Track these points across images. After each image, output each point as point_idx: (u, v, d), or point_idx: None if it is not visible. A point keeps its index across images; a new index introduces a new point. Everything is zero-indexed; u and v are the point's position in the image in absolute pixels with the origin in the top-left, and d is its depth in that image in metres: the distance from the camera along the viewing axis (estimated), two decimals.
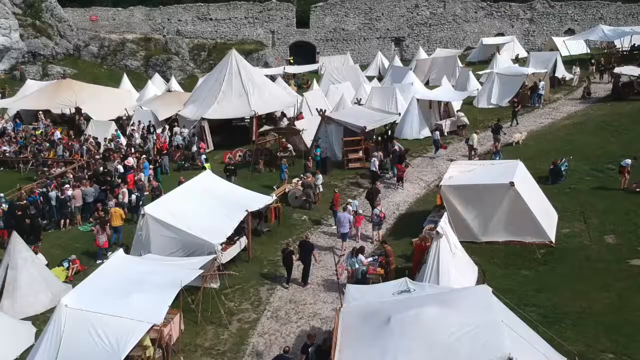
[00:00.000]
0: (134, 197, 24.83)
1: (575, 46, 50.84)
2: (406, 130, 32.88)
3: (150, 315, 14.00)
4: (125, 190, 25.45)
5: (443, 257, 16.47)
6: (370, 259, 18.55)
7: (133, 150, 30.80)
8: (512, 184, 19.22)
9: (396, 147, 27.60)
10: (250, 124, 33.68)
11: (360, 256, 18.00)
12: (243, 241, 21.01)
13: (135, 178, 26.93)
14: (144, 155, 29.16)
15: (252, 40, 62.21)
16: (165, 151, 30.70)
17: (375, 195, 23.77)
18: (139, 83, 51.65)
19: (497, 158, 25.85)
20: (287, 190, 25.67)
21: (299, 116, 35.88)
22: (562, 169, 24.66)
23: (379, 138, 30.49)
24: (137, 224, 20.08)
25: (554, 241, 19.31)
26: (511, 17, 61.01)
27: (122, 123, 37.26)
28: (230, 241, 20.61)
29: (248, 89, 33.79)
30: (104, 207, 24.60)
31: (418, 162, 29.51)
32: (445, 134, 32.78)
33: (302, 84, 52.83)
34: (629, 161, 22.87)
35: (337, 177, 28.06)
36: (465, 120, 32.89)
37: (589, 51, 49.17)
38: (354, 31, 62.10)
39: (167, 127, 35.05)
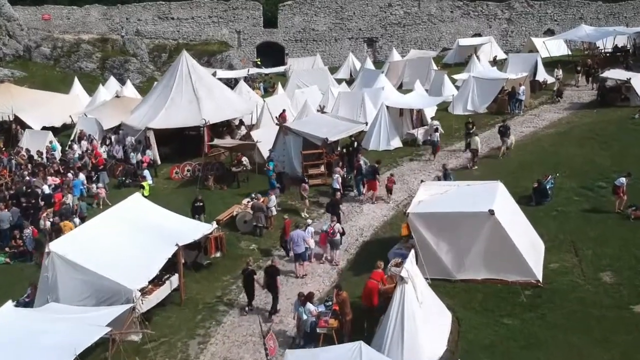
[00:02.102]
0: (48, 223, 21.35)
1: (555, 47, 48.26)
2: (374, 141, 29.73)
3: None
4: (46, 215, 21.95)
5: (408, 308, 13.34)
6: (322, 307, 15.31)
7: (61, 166, 27.02)
8: (491, 212, 16.15)
9: (361, 162, 24.42)
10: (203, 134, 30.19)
11: (309, 305, 14.76)
12: (175, 280, 17.67)
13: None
14: (71, 172, 25.51)
15: (217, 40, 58.63)
16: (102, 166, 27.10)
17: (336, 207, 21.04)
18: (95, 87, 47.69)
19: None
20: (235, 213, 22.37)
21: (282, 114, 32.44)
22: (548, 187, 21.69)
23: (344, 150, 27.28)
24: (43, 263, 16.66)
25: (541, 280, 16.28)
26: (489, 17, 58.34)
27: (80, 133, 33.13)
28: (158, 281, 17.31)
29: (199, 95, 30.34)
30: (21, 235, 21.19)
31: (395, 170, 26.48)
32: (420, 143, 29.71)
33: (268, 88, 49.43)
34: (623, 180, 19.96)
35: (295, 196, 24.77)
36: (440, 129, 29.79)
37: (570, 52, 46.57)
38: (324, 31, 58.89)
39: (110, 137, 31.48)
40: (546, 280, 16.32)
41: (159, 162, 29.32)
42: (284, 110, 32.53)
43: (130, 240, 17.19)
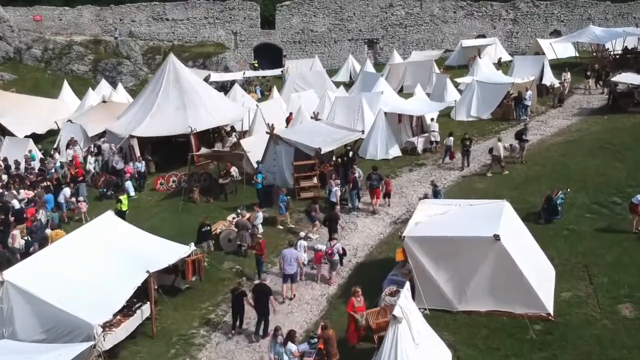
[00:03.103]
0: (22, 241, 19.71)
1: (562, 49, 46.48)
2: (372, 149, 28.04)
3: None
4: (16, 232, 20.30)
5: (402, 351, 11.65)
6: (305, 346, 13.63)
7: (36, 177, 25.33)
8: (497, 237, 14.44)
9: (356, 174, 22.71)
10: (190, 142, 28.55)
11: (290, 345, 13.07)
12: (147, 309, 16.02)
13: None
14: (41, 186, 23.85)
15: (213, 42, 56.92)
16: (81, 177, 25.45)
17: (334, 223, 19.52)
18: (87, 91, 45.91)
19: None
20: (218, 230, 20.70)
21: (289, 117, 30.70)
22: (558, 202, 19.94)
23: (339, 160, 25.58)
24: None
25: (552, 313, 14.55)
26: (493, 18, 56.48)
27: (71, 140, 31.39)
28: (128, 310, 15.66)
29: (186, 101, 28.68)
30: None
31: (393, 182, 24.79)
32: (420, 151, 28.02)
33: (264, 91, 47.74)
34: None
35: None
36: (437, 135, 28.15)
37: (577, 54, 44.78)
38: (323, 32, 57.12)
39: (91, 145, 29.88)
40: (558, 313, 14.60)
41: (152, 169, 27.67)
42: (290, 114, 30.75)
43: (96, 267, 15.52)
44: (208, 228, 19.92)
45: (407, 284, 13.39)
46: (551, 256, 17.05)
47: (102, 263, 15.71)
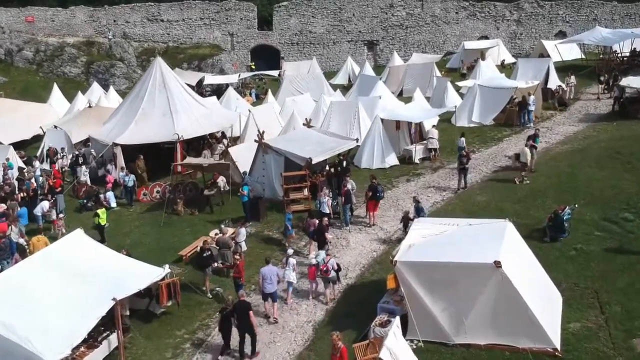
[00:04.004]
0: None
1: (567, 51, 45.04)
2: (367, 158, 26.65)
3: None
4: None
5: None
6: None
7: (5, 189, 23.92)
8: (498, 264, 13.00)
9: (349, 186, 21.27)
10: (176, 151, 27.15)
11: None
12: (114, 339, 14.65)
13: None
14: (10, 199, 22.46)
15: (209, 43, 55.58)
16: (59, 188, 24.08)
17: (321, 235, 18.28)
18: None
19: None
20: (198, 248, 19.30)
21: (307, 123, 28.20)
22: (565, 218, 18.47)
23: (332, 170, 24.18)
24: None
25: (559, 348, 13.09)
26: (496, 18, 54.97)
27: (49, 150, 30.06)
28: (94, 341, 14.33)
29: (173, 107, 27.30)
30: None
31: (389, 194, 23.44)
32: (417, 161, 26.58)
33: (260, 94, 46.34)
34: None
35: (273, 225, 21.73)
36: (436, 143, 26.74)
37: (583, 56, 43.29)
38: (322, 34, 55.70)
39: (74, 152, 28.56)
40: (565, 348, 13.14)
41: (145, 180, 26.22)
42: (308, 121, 27.90)
43: (57, 292, 14.14)
44: (209, 253, 17.65)
45: (397, 320, 11.99)
46: (557, 280, 15.60)
47: (65, 288, 14.33)
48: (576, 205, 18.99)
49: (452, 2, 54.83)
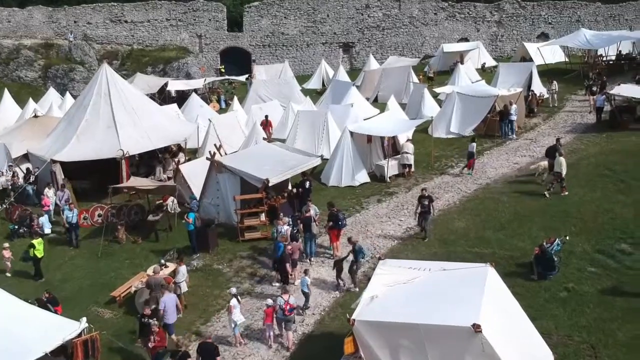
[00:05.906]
0: None
1: (550, 53, 42.96)
2: (335, 175, 24.12)
3: None
4: None
5: None
6: None
7: None
8: (477, 328, 10.54)
9: (312, 212, 18.71)
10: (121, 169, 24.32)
11: None
12: None
13: None
14: None
15: (176, 46, 52.67)
16: None
17: (283, 265, 16.50)
18: (35, 100, 41.48)
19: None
20: (133, 288, 16.66)
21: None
22: (554, 250, 16.13)
23: (294, 191, 21.61)
24: None
25: None
26: (476, 20, 52.79)
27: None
28: None
29: (119, 119, 24.53)
30: None
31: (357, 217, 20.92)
32: (388, 179, 24.05)
33: (228, 100, 43.51)
34: None
35: (225, 257, 19.09)
36: (410, 159, 24.30)
37: (567, 59, 41.24)
38: (295, 35, 53.06)
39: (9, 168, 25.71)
40: None
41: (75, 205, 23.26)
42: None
43: None
44: (148, 322, 13.94)
45: None
46: (548, 330, 13.30)
47: None
48: (567, 237, 16.64)
49: (431, 2, 52.54)
